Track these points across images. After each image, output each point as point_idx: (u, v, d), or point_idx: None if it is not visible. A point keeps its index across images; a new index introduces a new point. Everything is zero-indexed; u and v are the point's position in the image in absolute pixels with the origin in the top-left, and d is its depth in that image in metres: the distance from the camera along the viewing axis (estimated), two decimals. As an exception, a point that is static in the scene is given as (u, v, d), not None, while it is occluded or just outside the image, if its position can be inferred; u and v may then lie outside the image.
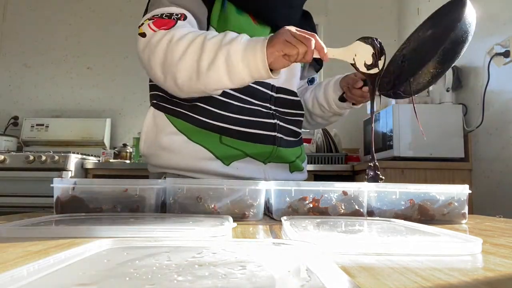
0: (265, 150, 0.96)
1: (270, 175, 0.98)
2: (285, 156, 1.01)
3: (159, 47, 0.82)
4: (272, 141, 0.97)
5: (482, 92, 1.96)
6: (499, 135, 1.89)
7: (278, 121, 0.99)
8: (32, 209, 2.11)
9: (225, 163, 0.93)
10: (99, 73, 3.09)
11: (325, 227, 0.51)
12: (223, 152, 0.92)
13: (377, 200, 0.68)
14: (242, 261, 0.29)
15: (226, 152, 0.93)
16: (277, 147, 0.97)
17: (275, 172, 1.00)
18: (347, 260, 0.34)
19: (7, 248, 0.36)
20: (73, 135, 2.89)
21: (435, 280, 0.27)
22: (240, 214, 0.64)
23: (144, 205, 0.65)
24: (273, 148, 0.97)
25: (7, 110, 3.06)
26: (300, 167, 1.08)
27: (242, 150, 0.94)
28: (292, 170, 1.05)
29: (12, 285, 0.22)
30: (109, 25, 3.16)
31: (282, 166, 1.02)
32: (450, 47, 0.80)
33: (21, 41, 3.14)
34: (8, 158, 2.26)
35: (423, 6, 2.74)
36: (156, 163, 0.96)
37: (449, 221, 0.67)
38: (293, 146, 1.05)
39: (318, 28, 3.21)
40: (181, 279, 0.24)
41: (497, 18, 1.92)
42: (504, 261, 0.34)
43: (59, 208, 0.63)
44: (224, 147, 0.92)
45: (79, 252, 0.30)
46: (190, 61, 0.80)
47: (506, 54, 1.82)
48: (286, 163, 1.03)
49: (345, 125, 2.89)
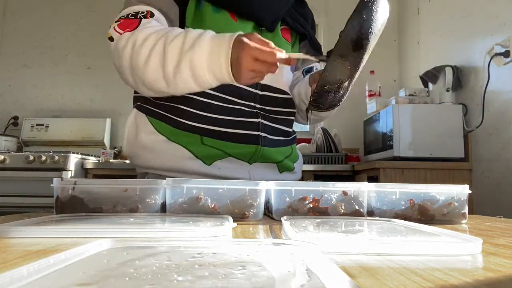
0: (247, 150, 0.94)
1: (256, 175, 0.96)
2: (271, 156, 0.98)
3: (125, 52, 0.81)
4: (255, 141, 0.94)
5: (482, 92, 1.96)
6: (499, 135, 1.89)
7: (263, 120, 0.97)
8: (32, 209, 2.11)
9: (206, 162, 0.91)
10: (99, 73, 3.09)
11: (325, 227, 0.51)
12: (203, 152, 0.91)
13: (377, 200, 0.68)
14: (242, 261, 0.29)
15: (207, 151, 0.91)
16: (261, 147, 0.95)
17: (261, 172, 0.97)
18: (347, 260, 0.34)
19: (7, 248, 0.36)
20: (73, 135, 2.89)
21: (435, 280, 0.27)
22: (240, 214, 0.64)
23: (144, 205, 0.65)
24: (256, 147, 0.94)
25: (7, 110, 3.06)
26: (290, 167, 1.05)
27: (223, 150, 0.92)
28: (281, 171, 1.02)
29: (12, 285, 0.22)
30: (109, 25, 3.15)
31: (269, 166, 1.00)
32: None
33: (21, 41, 3.14)
34: (8, 158, 2.26)
35: (423, 6, 2.74)
36: (138, 163, 0.96)
37: (449, 221, 0.67)
38: (282, 146, 1.02)
39: (318, 28, 3.21)
40: (181, 279, 0.24)
41: (497, 18, 1.92)
42: (504, 261, 0.34)
43: (59, 208, 0.63)
44: (205, 147, 0.91)
45: (79, 252, 0.30)
46: (155, 67, 0.79)
47: (506, 54, 1.82)
48: (273, 163, 1.00)
49: (345, 125, 2.89)
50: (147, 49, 0.79)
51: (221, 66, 0.75)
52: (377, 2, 0.67)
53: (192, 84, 0.80)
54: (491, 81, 1.92)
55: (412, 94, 2.23)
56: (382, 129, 2.23)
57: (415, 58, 2.84)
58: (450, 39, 2.37)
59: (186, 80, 0.79)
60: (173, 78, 0.79)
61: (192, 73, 0.77)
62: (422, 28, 2.74)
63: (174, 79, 0.79)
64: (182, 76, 0.78)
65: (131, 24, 0.84)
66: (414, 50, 2.85)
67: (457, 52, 2.28)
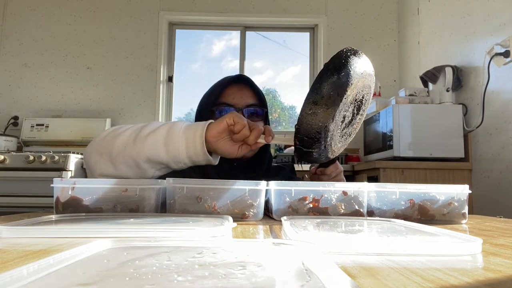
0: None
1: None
2: None
3: (101, 135, 0.83)
4: None
5: (482, 92, 1.96)
6: (499, 135, 1.89)
7: None
8: (32, 209, 2.11)
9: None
10: (99, 73, 3.10)
11: (325, 227, 0.51)
12: None
13: (377, 200, 0.68)
14: (242, 261, 0.29)
15: None
16: None
17: None
18: (347, 260, 0.34)
19: (7, 248, 0.36)
20: (73, 135, 2.89)
21: (435, 280, 0.27)
22: (240, 214, 0.64)
23: (144, 205, 0.65)
24: None
25: (7, 110, 3.06)
26: None
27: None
28: None
29: (12, 285, 0.22)
30: (109, 25, 3.16)
31: None
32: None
33: (21, 41, 3.14)
34: (8, 158, 2.26)
35: (423, 6, 2.74)
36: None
37: (449, 221, 0.67)
38: None
39: (318, 28, 3.21)
40: (181, 279, 0.24)
41: (497, 18, 1.92)
42: (504, 261, 0.34)
43: (59, 208, 0.63)
44: None
45: (79, 252, 0.30)
46: (130, 132, 0.79)
47: (506, 54, 1.82)
48: None
49: (345, 125, 2.89)
50: (127, 130, 0.81)
51: (196, 129, 0.75)
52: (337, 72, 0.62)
53: (161, 147, 0.76)
54: (491, 81, 1.92)
55: (412, 94, 2.23)
56: (382, 129, 2.23)
57: (415, 58, 2.84)
58: (450, 39, 2.37)
59: (157, 138, 0.76)
60: (145, 137, 0.77)
61: (167, 134, 0.76)
62: (422, 28, 2.74)
63: (146, 137, 0.77)
64: (155, 134, 0.76)
65: None
66: (414, 50, 2.85)
67: (457, 52, 2.28)
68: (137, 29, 3.17)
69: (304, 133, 0.66)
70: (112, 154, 0.78)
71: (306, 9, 3.21)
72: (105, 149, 0.80)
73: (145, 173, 0.79)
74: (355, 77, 0.64)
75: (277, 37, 3.43)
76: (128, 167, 0.78)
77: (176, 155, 0.75)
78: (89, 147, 0.84)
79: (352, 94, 0.67)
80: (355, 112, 0.73)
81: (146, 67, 3.11)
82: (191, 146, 0.75)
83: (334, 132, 0.69)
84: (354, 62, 0.64)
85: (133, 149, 0.76)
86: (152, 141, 0.76)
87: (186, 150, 0.75)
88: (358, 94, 0.70)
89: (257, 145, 0.78)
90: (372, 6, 3.19)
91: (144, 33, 3.16)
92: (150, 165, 0.78)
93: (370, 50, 3.11)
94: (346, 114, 0.70)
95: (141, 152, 0.76)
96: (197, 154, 0.75)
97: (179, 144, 0.75)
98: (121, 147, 0.78)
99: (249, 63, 3.40)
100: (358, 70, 0.65)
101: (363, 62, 0.66)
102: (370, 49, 3.11)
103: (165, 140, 0.75)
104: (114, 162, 0.78)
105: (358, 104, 0.73)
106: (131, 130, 0.80)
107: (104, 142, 0.80)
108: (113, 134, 0.81)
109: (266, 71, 3.57)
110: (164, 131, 0.76)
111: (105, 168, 0.79)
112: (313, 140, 0.66)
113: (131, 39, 3.15)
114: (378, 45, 3.16)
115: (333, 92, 0.62)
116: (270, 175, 1.02)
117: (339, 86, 0.62)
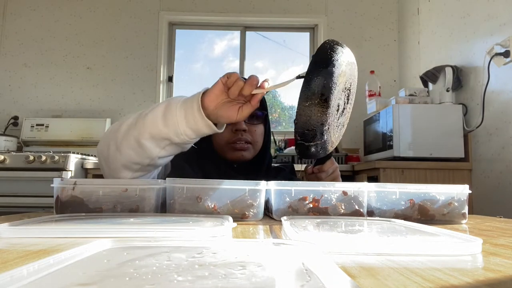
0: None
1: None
2: None
3: (108, 130, 0.86)
4: None
5: (482, 92, 1.96)
6: (499, 135, 1.89)
7: None
8: (32, 209, 2.11)
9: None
10: (99, 73, 3.09)
11: (325, 227, 0.51)
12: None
13: (377, 200, 0.68)
14: (242, 261, 0.29)
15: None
16: None
17: None
18: (347, 260, 0.34)
19: (7, 248, 0.36)
20: (73, 135, 2.89)
21: (435, 280, 0.27)
22: (240, 214, 0.64)
23: (144, 205, 0.65)
24: None
25: (7, 110, 3.06)
26: None
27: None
28: None
29: (12, 285, 0.22)
30: (109, 25, 3.16)
31: None
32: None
33: (21, 41, 3.14)
34: (8, 158, 2.26)
35: (423, 6, 2.74)
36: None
37: (449, 221, 0.67)
38: None
39: (318, 28, 3.21)
40: (181, 279, 0.24)
41: (497, 18, 1.92)
42: (504, 261, 0.34)
43: (59, 208, 0.63)
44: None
45: (79, 252, 0.30)
46: (133, 118, 0.81)
47: (506, 54, 1.82)
48: None
49: (345, 125, 2.89)
50: (126, 119, 0.83)
51: (192, 100, 0.75)
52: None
53: (160, 121, 0.76)
54: (491, 81, 1.92)
55: (412, 94, 2.23)
56: (382, 129, 2.23)
57: (415, 58, 2.84)
58: (450, 39, 2.37)
59: (156, 114, 0.77)
60: (144, 116, 0.78)
61: (165, 109, 0.76)
62: (422, 28, 2.74)
63: (145, 116, 0.78)
64: (154, 112, 0.77)
65: None
66: (414, 50, 2.85)
67: (457, 52, 2.28)
68: (137, 29, 3.17)
69: (304, 126, 0.68)
70: (117, 141, 0.80)
71: (306, 9, 3.21)
72: (112, 140, 0.81)
73: (150, 153, 0.78)
74: (342, 65, 0.69)
75: (277, 37, 3.43)
76: (132, 150, 0.78)
77: (175, 126, 0.75)
78: (99, 145, 0.86)
79: (342, 82, 0.70)
80: (345, 101, 0.76)
81: (146, 67, 3.11)
82: (189, 113, 0.75)
83: (331, 121, 0.71)
84: (339, 51, 0.69)
85: (135, 129, 0.78)
86: (152, 117, 0.77)
87: (186, 120, 0.75)
88: (347, 82, 0.74)
89: (256, 100, 0.75)
90: (372, 6, 3.19)
91: (144, 33, 3.16)
92: (153, 143, 0.77)
93: (370, 50, 3.11)
94: (339, 103, 0.73)
95: (143, 129, 0.77)
96: (196, 121, 0.75)
97: (177, 114, 0.75)
98: (125, 131, 0.79)
99: (251, 63, 3.40)
100: (344, 58, 0.70)
101: (347, 52, 0.72)
102: (370, 49, 3.11)
103: (163, 113, 0.76)
104: (120, 148, 0.79)
105: (347, 92, 0.76)
106: (134, 116, 0.82)
107: (111, 134, 0.82)
108: (118, 124, 0.83)
109: (267, 71, 3.57)
110: (163, 105, 0.77)
111: (113, 158, 0.81)
112: (314, 132, 0.68)
113: (131, 39, 3.15)
114: (378, 45, 3.15)
115: (326, 81, 0.65)
116: (270, 176, 1.02)
117: (330, 74, 0.66)
